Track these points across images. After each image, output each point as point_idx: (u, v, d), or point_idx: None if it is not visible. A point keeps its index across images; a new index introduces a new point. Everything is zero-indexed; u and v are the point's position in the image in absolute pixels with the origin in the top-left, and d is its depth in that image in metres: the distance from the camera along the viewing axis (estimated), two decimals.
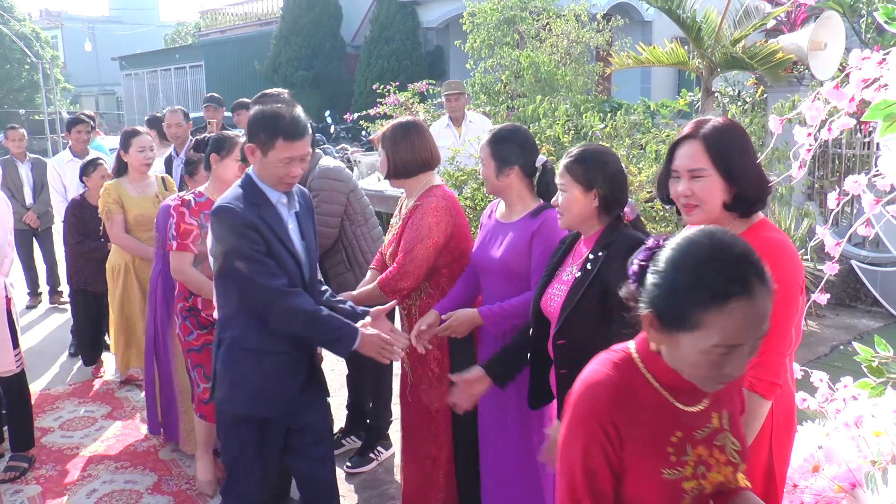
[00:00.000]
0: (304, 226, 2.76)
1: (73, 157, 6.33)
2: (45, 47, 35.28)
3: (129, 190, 4.64)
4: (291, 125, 2.54)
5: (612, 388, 1.47)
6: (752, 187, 1.92)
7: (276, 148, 2.54)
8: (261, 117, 2.57)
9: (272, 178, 2.60)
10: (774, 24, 7.61)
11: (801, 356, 5.33)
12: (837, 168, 6.93)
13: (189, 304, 3.59)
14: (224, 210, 2.55)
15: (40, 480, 3.98)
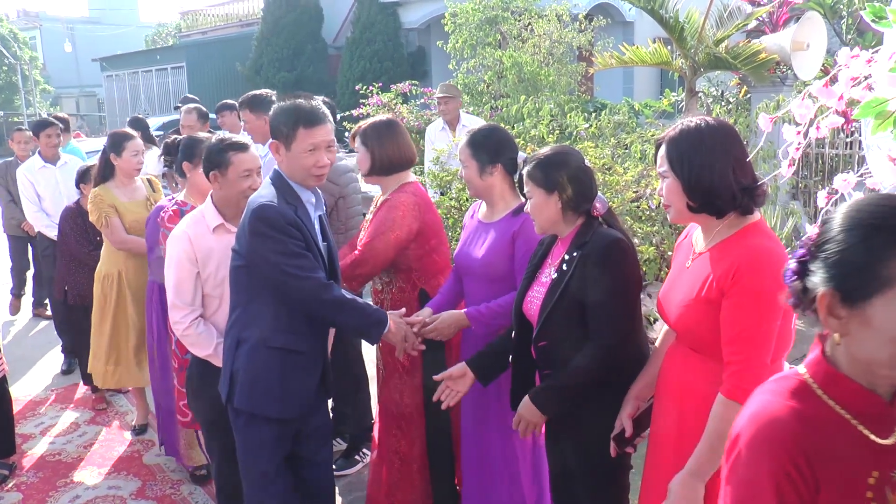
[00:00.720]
0: (326, 228, 2.77)
1: (45, 163, 5.97)
2: (24, 48, 34.91)
3: (119, 195, 4.35)
4: (310, 112, 2.54)
5: (798, 420, 1.20)
6: (711, 191, 1.91)
7: (298, 138, 2.52)
8: (280, 111, 2.56)
9: (301, 171, 2.57)
10: (757, 25, 7.66)
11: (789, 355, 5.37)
12: (821, 168, 6.98)
13: None
14: (267, 209, 2.51)
15: (21, 488, 3.92)
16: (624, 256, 2.30)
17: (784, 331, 1.92)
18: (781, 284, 1.84)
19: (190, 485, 3.88)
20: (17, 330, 6.74)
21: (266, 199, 2.54)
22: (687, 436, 1.97)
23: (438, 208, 4.86)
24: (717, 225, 1.97)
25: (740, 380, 1.83)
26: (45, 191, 5.88)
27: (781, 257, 1.87)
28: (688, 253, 2.10)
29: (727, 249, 1.92)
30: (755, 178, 1.94)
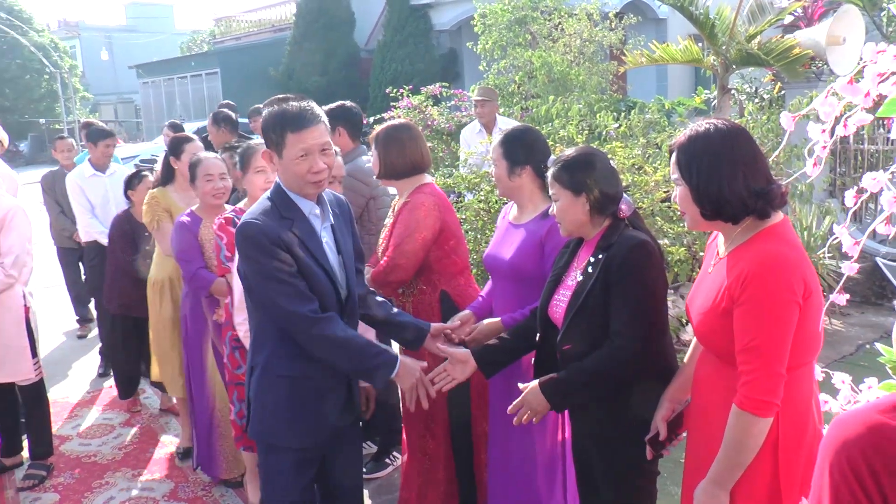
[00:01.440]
0: (341, 238, 2.51)
1: (95, 171, 5.79)
2: (64, 57, 35.68)
3: (177, 200, 4.22)
4: (297, 114, 2.30)
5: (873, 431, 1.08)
6: (720, 198, 1.87)
7: (287, 144, 2.29)
8: (267, 118, 2.36)
9: (296, 180, 2.34)
10: (792, 20, 7.53)
11: (825, 356, 5.28)
12: (860, 164, 6.83)
13: (236, 333, 3.27)
14: (248, 227, 2.31)
15: (58, 488, 3.99)
16: (648, 260, 2.27)
17: (811, 334, 1.87)
18: (793, 290, 1.80)
19: (222, 487, 3.92)
20: (55, 333, 6.87)
21: (252, 216, 2.35)
22: (715, 442, 1.94)
23: (467, 210, 4.86)
24: (735, 230, 1.93)
25: (751, 390, 1.80)
26: (94, 199, 5.77)
27: (794, 263, 1.82)
28: (713, 256, 2.06)
29: (740, 256, 1.88)
30: (770, 181, 1.89)
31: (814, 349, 1.91)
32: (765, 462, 1.87)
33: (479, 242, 4.69)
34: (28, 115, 33.74)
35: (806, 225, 5.87)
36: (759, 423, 1.82)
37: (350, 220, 2.63)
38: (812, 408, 1.95)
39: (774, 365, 1.79)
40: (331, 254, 2.45)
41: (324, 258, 2.40)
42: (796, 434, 1.89)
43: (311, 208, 2.41)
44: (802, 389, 1.91)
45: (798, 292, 1.79)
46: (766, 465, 1.87)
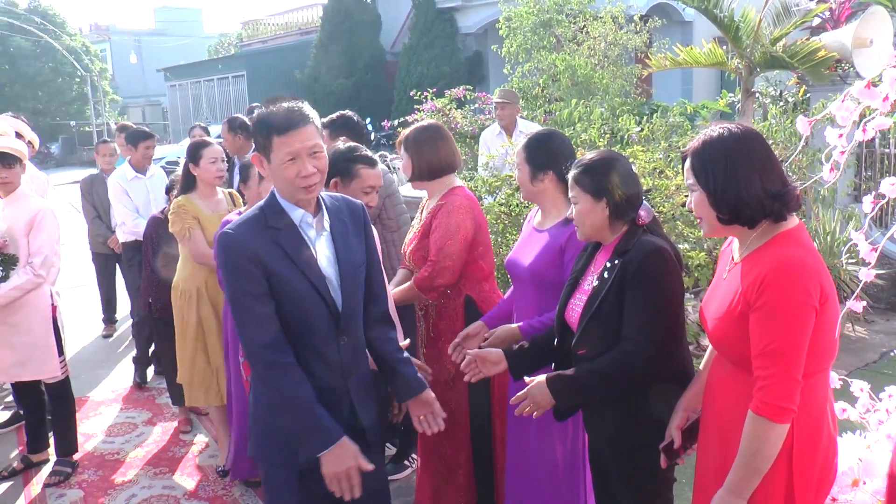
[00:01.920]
0: (344, 248, 2.30)
1: (136, 173, 5.68)
2: (94, 60, 36.24)
3: (202, 207, 4.13)
4: (283, 116, 2.15)
5: None
6: (739, 201, 1.87)
7: (274, 147, 2.15)
8: (255, 121, 2.24)
9: (285, 185, 2.19)
10: (818, 22, 7.45)
11: (848, 363, 5.22)
12: (886, 168, 6.73)
13: None
14: (222, 237, 2.19)
15: (82, 485, 4.06)
16: (665, 266, 2.26)
17: (827, 340, 1.85)
18: (809, 295, 1.78)
19: (241, 486, 3.96)
20: (81, 332, 6.98)
21: (232, 225, 2.22)
22: (728, 450, 1.92)
23: (488, 213, 4.86)
24: (751, 234, 1.92)
25: (768, 395, 1.78)
26: (137, 201, 5.66)
27: (811, 267, 1.80)
28: (727, 262, 2.05)
29: (756, 260, 1.86)
30: (785, 183, 1.88)
31: (829, 356, 1.89)
32: (780, 469, 1.86)
33: (499, 246, 4.69)
34: (59, 117, 34.31)
35: (829, 230, 5.80)
36: (776, 428, 1.81)
37: (364, 228, 2.42)
38: (827, 415, 1.93)
39: (791, 370, 1.78)
40: (328, 266, 2.27)
41: (313, 270, 2.22)
42: (811, 441, 1.87)
43: (301, 216, 2.25)
44: (817, 396, 1.90)
45: (815, 297, 1.78)
46: (781, 473, 1.86)
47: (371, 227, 2.47)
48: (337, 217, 2.34)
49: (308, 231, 2.26)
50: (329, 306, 2.24)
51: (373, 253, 2.44)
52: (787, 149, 5.62)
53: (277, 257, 2.17)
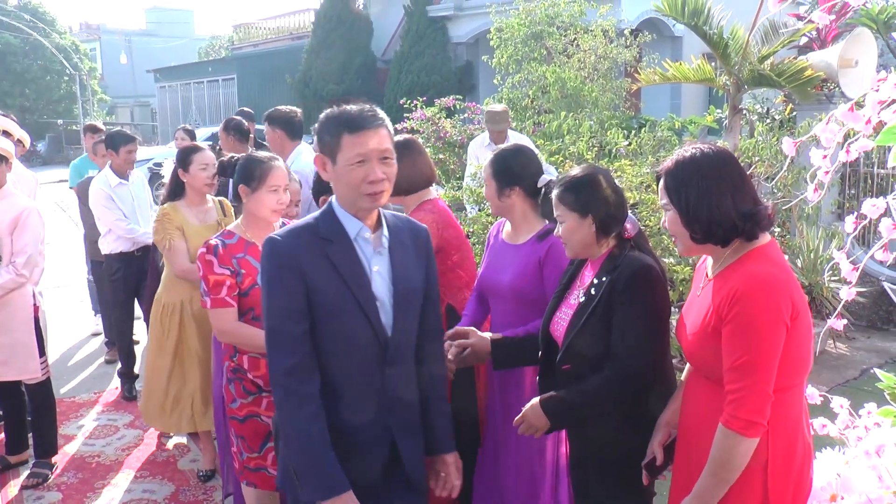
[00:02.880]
0: (401, 271, 2.12)
1: (120, 180, 5.25)
2: (84, 59, 36.09)
3: (189, 216, 3.91)
4: (356, 115, 2.02)
5: None
6: (710, 221, 1.90)
7: (343, 147, 2.00)
8: (323, 119, 2.08)
9: (348, 190, 2.02)
10: (806, 41, 7.53)
11: (829, 380, 5.27)
12: (870, 188, 6.81)
13: (234, 363, 2.97)
14: (266, 243, 2.05)
15: (61, 487, 4.03)
16: (652, 284, 2.28)
17: (800, 355, 1.88)
18: (780, 310, 1.81)
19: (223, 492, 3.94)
20: (63, 333, 6.93)
21: (282, 231, 2.08)
22: (703, 464, 1.95)
23: (475, 224, 4.87)
24: (724, 252, 1.95)
25: (738, 409, 1.81)
26: (124, 208, 5.24)
27: (781, 283, 1.83)
28: (702, 278, 2.08)
29: (728, 277, 1.90)
30: (757, 202, 1.91)
31: (803, 370, 1.92)
32: (755, 483, 1.88)
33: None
34: (47, 115, 34.12)
35: (812, 247, 5.86)
36: (745, 442, 1.83)
37: (426, 255, 2.23)
38: (802, 428, 1.96)
39: (761, 384, 1.80)
40: (381, 287, 2.08)
41: (363, 290, 2.04)
42: (786, 455, 1.90)
43: (358, 230, 2.07)
44: (792, 410, 1.92)
45: (786, 312, 1.81)
46: (757, 487, 1.88)
47: (433, 256, 2.28)
48: (397, 237, 2.15)
49: (364, 247, 2.08)
50: (376, 332, 2.05)
51: (433, 284, 2.24)
52: (773, 166, 5.68)
53: (324, 272, 2.01)
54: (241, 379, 2.94)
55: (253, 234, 2.98)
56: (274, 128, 4.74)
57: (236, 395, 2.95)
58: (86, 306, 7.71)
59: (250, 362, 2.92)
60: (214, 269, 2.88)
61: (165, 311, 3.96)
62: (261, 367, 2.89)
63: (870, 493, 2.05)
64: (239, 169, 3.02)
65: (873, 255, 1.99)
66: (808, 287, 5.68)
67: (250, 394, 2.93)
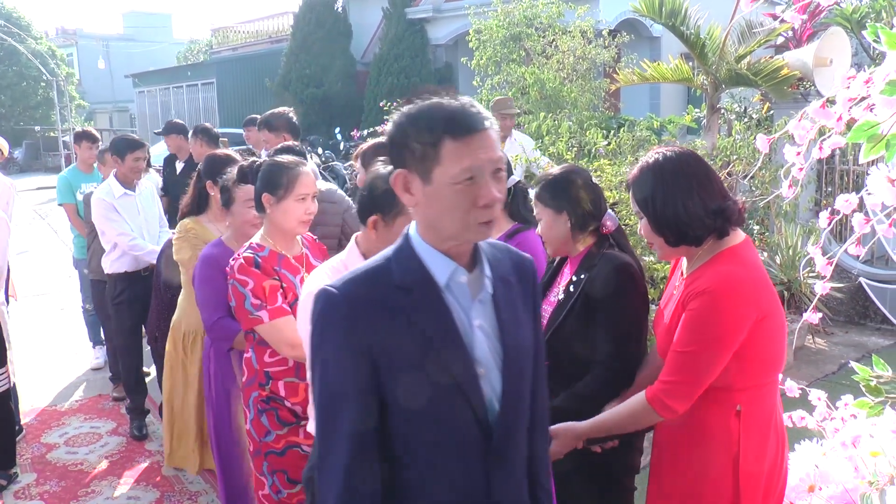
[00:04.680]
0: (509, 320, 1.55)
1: (125, 190, 4.72)
2: (61, 65, 35.76)
3: (214, 232, 3.48)
4: (461, 112, 1.44)
5: None
6: (679, 222, 1.93)
7: (444, 158, 1.42)
8: (406, 119, 1.48)
9: (453, 222, 1.45)
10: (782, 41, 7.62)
11: (808, 374, 5.33)
12: (845, 184, 6.90)
13: (267, 392, 2.66)
14: (319, 297, 1.49)
15: (44, 496, 4.00)
16: (630, 281, 2.32)
17: (771, 353, 1.93)
18: (740, 312, 1.85)
19: (208, 496, 3.93)
20: (44, 341, 6.87)
21: (344, 279, 1.50)
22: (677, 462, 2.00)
23: None
24: (698, 252, 1.99)
25: (667, 396, 1.91)
26: (132, 221, 4.73)
27: (748, 285, 1.88)
28: (678, 277, 2.12)
29: (698, 276, 1.94)
30: (726, 198, 1.95)
31: (773, 369, 1.97)
32: (726, 478, 1.92)
33: None
34: (23, 122, 33.78)
35: (791, 244, 5.93)
36: (655, 418, 1.98)
37: (533, 295, 1.67)
38: (774, 425, 2.00)
39: (698, 377, 1.88)
40: (484, 349, 1.51)
41: (460, 360, 1.48)
42: (757, 450, 1.94)
43: (451, 272, 1.50)
44: (764, 406, 1.96)
45: (747, 315, 1.85)
46: (728, 481, 1.92)
47: (540, 296, 1.79)
48: (499, 275, 1.57)
49: (459, 296, 1.51)
50: (477, 414, 1.49)
51: (540, 333, 1.69)
52: (750, 164, 5.74)
53: (402, 336, 1.45)
54: (277, 409, 2.65)
55: (281, 245, 2.73)
56: (273, 131, 4.58)
57: (270, 427, 2.65)
58: (67, 315, 7.68)
59: (287, 388, 2.64)
60: (264, 277, 2.58)
61: (187, 339, 3.58)
62: (299, 392, 2.64)
63: (846, 484, 2.09)
64: (262, 175, 2.70)
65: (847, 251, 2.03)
66: (787, 283, 5.75)
67: (286, 424, 2.65)
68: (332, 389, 1.47)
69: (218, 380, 3.18)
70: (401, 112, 1.50)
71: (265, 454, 2.68)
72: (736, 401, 1.90)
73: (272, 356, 2.67)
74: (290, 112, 4.71)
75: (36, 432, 4.81)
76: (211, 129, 5.70)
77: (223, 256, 2.96)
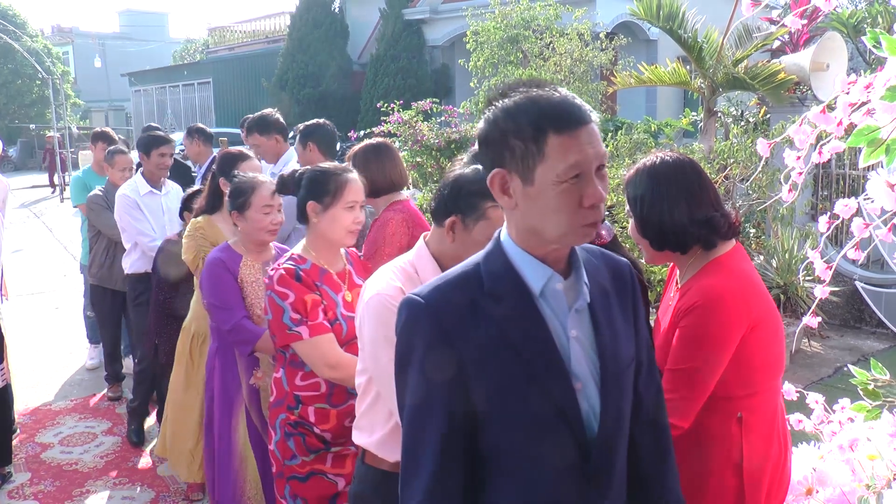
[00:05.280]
0: (610, 336, 1.42)
1: (151, 188, 4.58)
2: (56, 63, 35.69)
3: (227, 232, 3.36)
4: (563, 104, 1.31)
5: None
6: (661, 227, 1.94)
7: (549, 155, 1.28)
8: (503, 113, 1.33)
9: (557, 224, 1.31)
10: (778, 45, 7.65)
11: (804, 377, 5.35)
12: (841, 189, 6.93)
13: (296, 416, 2.50)
14: (403, 306, 1.40)
15: (38, 496, 3.98)
16: None
17: (768, 360, 1.94)
18: (730, 326, 1.86)
19: (202, 495, 3.92)
20: (38, 340, 6.85)
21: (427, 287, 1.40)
22: None
23: None
24: (687, 260, 1.99)
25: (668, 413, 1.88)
26: (158, 223, 4.56)
27: (737, 296, 1.88)
28: (673, 286, 2.12)
29: (689, 288, 1.95)
30: (718, 209, 1.95)
31: (773, 373, 1.97)
32: (729, 483, 1.92)
33: None
34: (18, 120, 33.70)
35: (787, 247, 5.95)
36: None
37: (633, 303, 1.53)
38: (776, 429, 2.00)
39: (696, 393, 1.87)
40: (581, 363, 1.38)
41: (557, 375, 1.35)
42: (760, 456, 1.94)
43: (547, 279, 1.36)
44: (766, 412, 1.97)
45: (737, 326, 1.86)
46: (731, 486, 1.92)
47: (641, 302, 1.57)
48: (597, 282, 1.45)
49: (554, 304, 1.37)
50: (575, 433, 1.36)
51: (644, 344, 1.54)
52: (747, 168, 5.76)
53: (494, 348, 1.34)
54: (305, 434, 2.49)
55: (324, 259, 2.53)
56: (269, 135, 4.52)
57: (296, 452, 2.50)
58: (62, 314, 7.66)
59: (317, 415, 2.49)
60: (306, 291, 2.40)
61: (196, 342, 3.49)
62: (330, 418, 2.49)
63: (844, 486, 2.10)
64: (308, 183, 2.52)
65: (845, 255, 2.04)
66: (783, 287, 5.77)
67: (314, 451, 2.50)
68: (420, 401, 1.37)
69: (223, 386, 3.11)
70: (495, 108, 1.35)
71: (287, 478, 2.54)
72: (737, 408, 1.91)
73: (304, 379, 2.50)
74: (275, 113, 4.68)
75: (30, 432, 4.79)
76: (205, 130, 5.77)
77: (231, 260, 2.94)
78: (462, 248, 1.78)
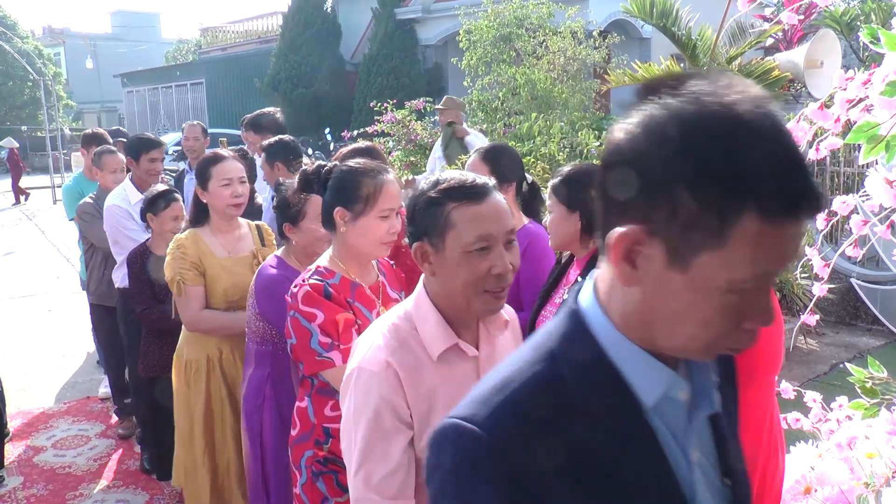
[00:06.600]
0: (734, 443, 1.09)
1: (141, 195, 4.04)
2: (48, 64, 35.56)
3: (216, 248, 3.07)
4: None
5: None
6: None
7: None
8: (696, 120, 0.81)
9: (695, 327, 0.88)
10: (772, 42, 7.66)
11: (800, 375, 5.35)
12: (836, 186, 6.93)
13: (325, 452, 2.17)
14: (450, 439, 0.94)
15: (31, 500, 3.95)
16: None
17: (772, 353, 1.92)
18: None
19: None
20: (31, 343, 6.81)
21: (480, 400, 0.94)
22: None
23: None
24: None
25: None
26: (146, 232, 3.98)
27: None
28: None
29: None
30: None
31: (775, 367, 1.96)
32: None
33: None
34: (10, 122, 33.56)
35: None
36: None
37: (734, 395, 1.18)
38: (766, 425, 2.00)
39: None
40: (705, 495, 0.98)
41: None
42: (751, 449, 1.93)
43: (667, 387, 0.94)
44: (759, 406, 1.96)
45: None
46: None
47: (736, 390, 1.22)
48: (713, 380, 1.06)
49: (671, 420, 0.96)
50: None
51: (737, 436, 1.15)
52: None
53: (587, 484, 0.90)
54: (336, 472, 2.16)
55: (354, 272, 2.22)
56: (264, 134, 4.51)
57: (328, 494, 2.16)
58: (55, 317, 7.62)
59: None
60: (337, 310, 2.12)
61: (189, 370, 3.12)
62: None
63: (842, 485, 2.09)
64: (336, 185, 2.19)
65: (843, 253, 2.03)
66: (780, 284, 5.76)
67: (347, 490, 2.12)
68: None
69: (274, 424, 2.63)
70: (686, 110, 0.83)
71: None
72: None
73: (335, 409, 2.09)
74: (277, 112, 4.65)
75: (22, 435, 4.76)
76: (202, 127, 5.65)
77: (289, 280, 2.36)
78: (446, 279, 1.50)
